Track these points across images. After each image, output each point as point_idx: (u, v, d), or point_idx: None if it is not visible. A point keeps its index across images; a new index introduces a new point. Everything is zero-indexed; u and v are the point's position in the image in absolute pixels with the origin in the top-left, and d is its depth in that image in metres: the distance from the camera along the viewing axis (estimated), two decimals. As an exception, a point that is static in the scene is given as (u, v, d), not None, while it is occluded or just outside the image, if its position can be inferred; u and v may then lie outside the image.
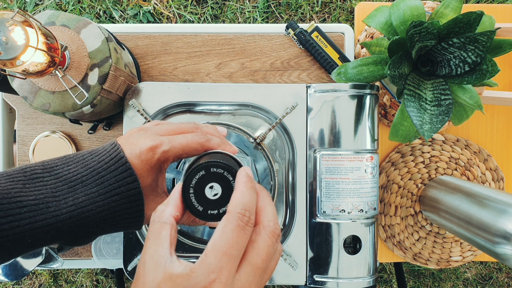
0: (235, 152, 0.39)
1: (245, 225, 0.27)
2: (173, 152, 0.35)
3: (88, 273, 1.25)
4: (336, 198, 0.51)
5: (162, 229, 0.28)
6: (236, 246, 0.26)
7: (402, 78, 0.47)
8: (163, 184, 0.36)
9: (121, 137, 0.36)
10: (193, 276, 0.25)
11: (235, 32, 0.64)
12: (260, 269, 0.27)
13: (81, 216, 0.31)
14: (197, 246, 0.53)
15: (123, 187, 0.32)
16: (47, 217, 0.30)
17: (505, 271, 1.29)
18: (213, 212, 0.31)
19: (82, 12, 1.20)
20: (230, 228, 0.26)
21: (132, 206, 0.33)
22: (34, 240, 0.30)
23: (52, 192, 0.31)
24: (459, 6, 0.48)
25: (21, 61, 0.38)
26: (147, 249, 0.27)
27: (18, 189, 0.30)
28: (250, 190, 0.29)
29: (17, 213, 0.29)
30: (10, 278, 0.54)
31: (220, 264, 0.25)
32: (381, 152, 0.67)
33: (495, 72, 0.43)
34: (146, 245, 0.28)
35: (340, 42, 0.65)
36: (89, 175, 0.32)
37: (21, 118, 0.63)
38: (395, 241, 0.66)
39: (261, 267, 0.27)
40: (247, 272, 0.26)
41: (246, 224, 0.27)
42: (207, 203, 0.30)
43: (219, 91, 0.53)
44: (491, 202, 0.48)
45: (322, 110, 0.52)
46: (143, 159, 0.33)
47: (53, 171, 0.32)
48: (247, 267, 0.27)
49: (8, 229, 0.28)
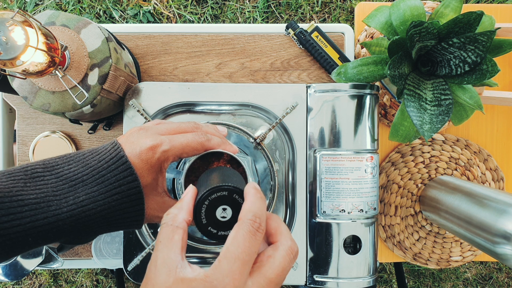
0: (235, 151, 0.39)
1: (256, 231, 0.27)
2: (173, 151, 0.35)
3: (88, 273, 1.25)
4: (336, 198, 0.51)
5: (175, 233, 0.28)
6: (248, 251, 0.26)
7: (402, 78, 0.47)
8: (163, 183, 0.36)
9: (122, 136, 0.36)
10: (208, 280, 0.25)
11: (235, 32, 0.64)
12: (272, 283, 0.27)
13: (82, 215, 0.31)
14: (197, 246, 0.53)
15: (124, 186, 0.32)
16: (48, 216, 0.30)
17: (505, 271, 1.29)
18: (224, 233, 0.31)
19: (82, 12, 1.20)
20: (241, 234, 0.27)
21: (133, 205, 0.33)
22: (35, 239, 0.30)
23: (53, 191, 0.31)
24: (459, 6, 0.48)
25: (21, 61, 0.38)
26: (159, 252, 0.27)
27: (19, 188, 0.30)
28: (259, 200, 0.29)
29: (18, 212, 0.29)
30: (10, 278, 0.54)
31: (233, 268, 0.26)
32: (381, 152, 0.67)
33: (495, 72, 0.43)
34: (157, 247, 0.28)
35: (340, 42, 0.65)
36: (89, 174, 0.32)
37: (21, 118, 0.63)
38: (395, 241, 0.66)
39: (274, 281, 0.27)
40: (259, 283, 0.27)
41: (257, 230, 0.27)
42: (217, 224, 0.30)
43: (219, 91, 0.53)
44: (491, 202, 0.48)
45: (322, 110, 0.52)
46: (143, 158, 0.34)
47: (54, 170, 0.32)
48: (261, 278, 0.27)
49: (9, 228, 0.28)
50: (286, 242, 0.29)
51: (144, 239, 0.52)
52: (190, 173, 0.40)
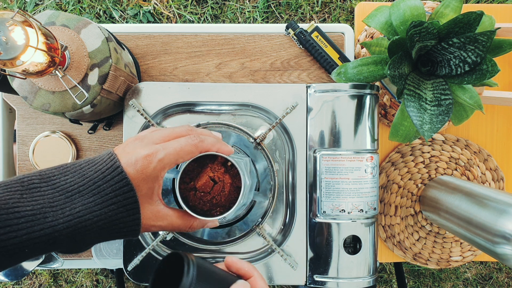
0: (230, 152, 0.39)
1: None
2: (168, 158, 0.35)
3: (88, 273, 1.25)
4: (336, 198, 0.51)
5: None
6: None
7: (402, 78, 0.47)
8: (158, 192, 0.37)
9: (118, 146, 0.36)
10: None
11: (235, 32, 0.64)
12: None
13: (78, 226, 0.31)
14: (197, 246, 0.53)
15: (120, 196, 0.33)
16: (44, 227, 0.30)
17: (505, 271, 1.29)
18: None
19: (82, 12, 1.20)
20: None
21: (129, 215, 0.33)
22: (32, 250, 0.30)
23: (49, 202, 0.31)
24: (459, 6, 0.48)
25: (21, 61, 0.38)
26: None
27: (16, 200, 0.30)
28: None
29: (15, 224, 0.29)
30: (10, 278, 0.54)
31: None
32: (381, 152, 0.67)
33: (495, 72, 0.43)
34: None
35: (340, 42, 0.65)
36: (86, 185, 0.32)
37: (21, 118, 0.63)
38: (395, 241, 0.66)
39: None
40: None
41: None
42: None
43: (219, 91, 0.53)
44: (491, 202, 0.48)
45: (322, 110, 0.52)
46: (138, 169, 0.34)
47: (50, 181, 0.32)
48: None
49: (6, 240, 0.29)
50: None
51: (144, 239, 0.52)
52: (185, 175, 0.41)
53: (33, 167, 0.62)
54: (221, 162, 0.41)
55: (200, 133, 0.39)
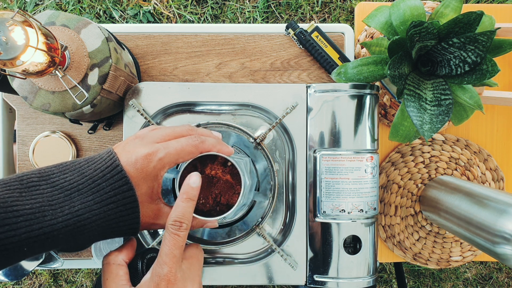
0: (230, 153, 0.39)
1: (177, 231, 0.34)
2: (168, 158, 0.35)
3: (88, 273, 1.25)
4: (336, 198, 0.51)
5: (119, 269, 0.35)
6: (174, 246, 0.34)
7: (402, 78, 0.47)
8: (158, 191, 0.37)
9: (118, 144, 0.36)
10: (154, 280, 0.34)
11: (235, 32, 0.64)
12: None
13: (77, 225, 0.31)
14: (197, 246, 0.53)
15: (119, 195, 0.33)
16: (43, 226, 0.30)
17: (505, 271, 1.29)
18: None
19: (82, 12, 1.20)
20: (166, 235, 0.34)
21: (128, 214, 0.33)
22: (31, 249, 0.30)
23: (48, 200, 0.31)
24: (459, 6, 0.48)
25: (21, 61, 0.38)
26: (108, 287, 0.34)
27: (15, 198, 0.30)
28: (180, 204, 0.35)
29: (14, 222, 0.29)
30: (10, 278, 0.54)
31: (167, 260, 0.33)
32: (381, 152, 0.67)
33: (495, 72, 0.43)
34: (105, 284, 0.35)
35: (340, 42, 0.65)
36: (85, 183, 0.32)
37: (21, 118, 0.63)
38: (395, 241, 0.66)
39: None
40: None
41: (178, 230, 0.34)
42: None
43: (219, 91, 0.53)
44: (491, 202, 0.48)
45: (322, 110, 0.52)
46: (138, 167, 0.34)
47: (49, 179, 0.32)
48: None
49: (4, 238, 0.28)
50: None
51: (144, 239, 0.52)
52: (186, 175, 0.41)
53: (33, 167, 0.62)
54: (221, 162, 0.41)
55: (200, 133, 0.39)
